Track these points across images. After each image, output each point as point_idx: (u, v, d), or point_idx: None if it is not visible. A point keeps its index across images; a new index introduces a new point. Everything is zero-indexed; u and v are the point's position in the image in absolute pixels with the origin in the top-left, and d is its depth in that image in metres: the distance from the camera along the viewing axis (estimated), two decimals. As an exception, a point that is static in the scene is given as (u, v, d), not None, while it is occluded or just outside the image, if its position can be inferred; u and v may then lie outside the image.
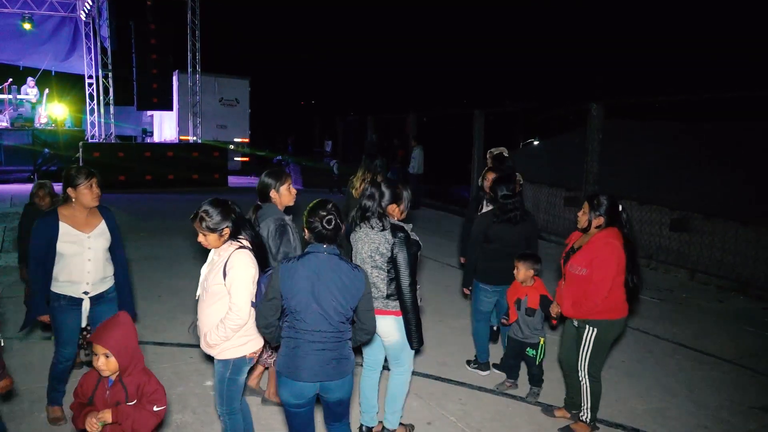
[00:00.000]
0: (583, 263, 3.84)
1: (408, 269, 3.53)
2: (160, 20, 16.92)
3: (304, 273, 2.94)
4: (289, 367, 2.97)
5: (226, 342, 3.17)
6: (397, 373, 3.81)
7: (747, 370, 5.31)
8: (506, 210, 4.74)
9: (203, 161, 16.77)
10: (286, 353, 3.00)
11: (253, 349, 3.28)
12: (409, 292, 3.53)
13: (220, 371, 3.25)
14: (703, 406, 4.61)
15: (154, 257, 8.56)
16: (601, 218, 3.85)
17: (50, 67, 19.07)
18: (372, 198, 3.65)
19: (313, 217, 3.01)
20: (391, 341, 3.71)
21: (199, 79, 17.91)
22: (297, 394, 2.98)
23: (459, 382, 4.83)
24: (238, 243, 3.22)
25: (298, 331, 2.96)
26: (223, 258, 3.17)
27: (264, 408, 4.31)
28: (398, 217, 3.79)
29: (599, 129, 9.74)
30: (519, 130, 17.17)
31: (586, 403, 4.04)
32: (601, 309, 3.84)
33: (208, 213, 3.16)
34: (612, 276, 3.76)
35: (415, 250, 3.62)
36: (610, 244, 3.78)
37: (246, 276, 3.13)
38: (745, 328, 6.39)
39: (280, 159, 20.57)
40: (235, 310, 3.10)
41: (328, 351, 2.97)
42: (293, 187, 4.18)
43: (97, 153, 15.66)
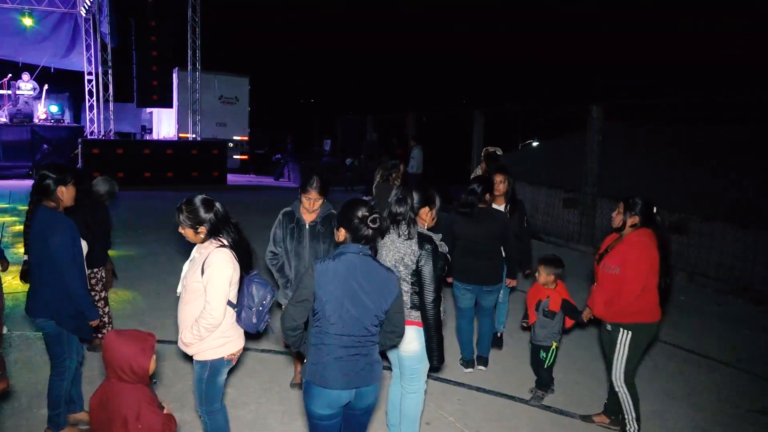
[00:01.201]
0: (615, 262, 3.82)
1: (433, 284, 3.34)
2: (160, 17, 16.88)
3: (339, 275, 2.80)
4: (322, 375, 2.80)
5: (201, 342, 3.14)
6: (411, 391, 3.61)
7: (745, 373, 5.32)
8: (461, 203, 4.81)
9: (202, 159, 16.75)
10: (317, 361, 2.82)
11: (231, 350, 3.24)
12: (432, 308, 3.34)
13: (198, 372, 3.24)
14: (701, 408, 4.62)
15: (151, 254, 8.56)
16: (636, 217, 3.81)
17: (49, 64, 19.01)
18: (403, 203, 3.43)
19: (354, 216, 2.86)
20: (410, 351, 3.52)
21: (199, 77, 17.87)
22: (331, 403, 2.83)
23: (457, 383, 4.83)
24: (219, 242, 3.17)
25: (330, 336, 2.81)
26: (203, 256, 3.15)
27: (263, 407, 4.31)
28: (429, 223, 3.66)
29: (599, 130, 9.76)
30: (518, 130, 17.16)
31: (630, 413, 3.94)
32: (635, 310, 3.79)
33: (188, 205, 3.16)
34: (644, 274, 3.73)
35: (442, 264, 3.44)
36: (643, 242, 3.76)
37: (222, 276, 3.08)
38: (743, 331, 6.41)
39: (279, 157, 20.54)
40: (208, 309, 3.06)
41: (362, 356, 2.84)
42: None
43: (96, 149, 15.63)
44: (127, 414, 2.44)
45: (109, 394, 2.49)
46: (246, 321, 3.19)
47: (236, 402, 4.34)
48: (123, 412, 2.44)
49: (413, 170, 14.75)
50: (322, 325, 2.81)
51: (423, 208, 3.59)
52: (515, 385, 4.86)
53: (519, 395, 4.66)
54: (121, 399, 2.46)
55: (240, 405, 4.30)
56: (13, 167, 16.46)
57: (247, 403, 4.34)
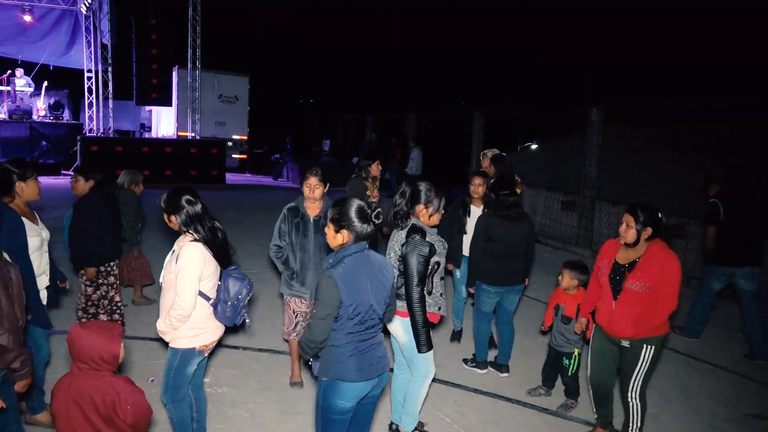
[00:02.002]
0: (645, 279, 3.60)
1: (416, 271, 3.47)
2: (160, 15, 16.87)
3: (361, 274, 2.88)
4: (348, 371, 2.86)
5: (176, 331, 3.24)
6: (414, 377, 3.75)
7: (741, 378, 5.33)
8: (505, 206, 4.75)
9: (201, 158, 16.73)
10: (344, 359, 2.86)
11: (204, 342, 3.31)
12: (415, 293, 3.47)
13: (170, 359, 3.32)
14: (697, 412, 4.63)
15: (151, 251, 8.52)
16: (649, 229, 3.61)
17: (49, 61, 18.98)
18: (402, 196, 3.69)
19: (355, 216, 2.89)
20: (400, 343, 3.71)
21: (198, 75, 17.86)
22: (357, 395, 2.93)
23: (455, 384, 4.83)
24: (193, 236, 3.26)
25: (350, 334, 2.86)
26: (179, 248, 3.25)
27: (260, 406, 4.31)
28: (427, 221, 3.68)
29: (598, 133, 9.77)
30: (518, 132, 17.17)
31: (635, 424, 3.85)
32: (657, 324, 3.69)
33: (166, 196, 3.31)
34: (679, 289, 3.65)
35: (426, 253, 3.50)
36: (672, 256, 3.63)
37: (191, 269, 3.16)
38: (740, 336, 6.41)
39: (278, 157, 20.53)
40: (177, 301, 3.15)
41: (377, 344, 2.99)
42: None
43: (95, 147, 15.60)
44: (114, 399, 2.49)
45: (83, 388, 2.50)
46: (221, 315, 3.29)
47: (233, 401, 4.34)
48: (108, 400, 2.49)
49: (412, 171, 14.77)
50: (344, 326, 2.85)
51: (419, 205, 3.67)
52: (513, 386, 4.86)
53: (516, 397, 4.67)
54: (101, 388, 2.49)
55: (237, 404, 4.30)
56: (12, 164, 16.41)
57: (244, 402, 4.34)
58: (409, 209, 3.67)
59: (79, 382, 2.51)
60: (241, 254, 8.52)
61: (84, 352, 2.49)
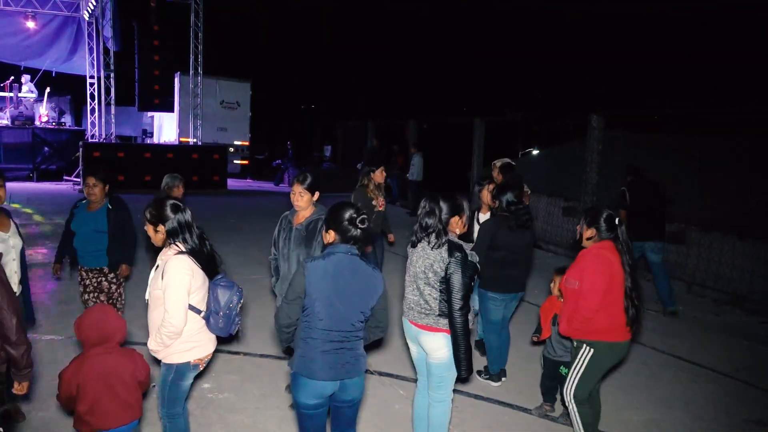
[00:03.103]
0: (574, 276, 3.69)
1: (461, 292, 3.33)
2: (163, 22, 16.96)
3: (329, 273, 2.95)
4: (309, 367, 2.96)
5: (168, 347, 3.16)
6: (438, 400, 3.61)
7: (742, 384, 5.33)
8: (519, 216, 4.73)
9: (203, 163, 16.79)
10: (304, 353, 2.98)
11: (198, 355, 3.25)
12: (459, 316, 3.33)
13: (164, 374, 3.25)
14: (698, 418, 4.62)
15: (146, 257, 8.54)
16: (591, 230, 3.69)
17: (51, 68, 19.09)
18: (432, 215, 3.46)
19: (342, 218, 2.99)
20: (439, 359, 3.51)
21: (200, 81, 17.93)
22: (317, 393, 2.99)
23: (455, 390, 4.81)
24: (177, 248, 3.17)
25: (318, 330, 2.95)
26: (164, 262, 3.16)
27: (261, 412, 4.32)
28: (460, 230, 3.58)
29: (599, 140, 9.79)
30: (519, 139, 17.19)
31: (576, 428, 3.82)
32: (597, 328, 3.63)
33: (155, 205, 3.23)
34: (601, 287, 3.57)
35: (471, 274, 3.38)
36: (601, 255, 3.62)
37: (178, 283, 3.07)
38: (741, 342, 6.42)
39: (279, 163, 20.58)
40: (167, 318, 3.06)
41: (347, 350, 3.00)
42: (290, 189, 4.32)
43: (97, 153, 15.66)
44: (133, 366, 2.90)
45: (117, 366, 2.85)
46: (214, 326, 3.22)
47: (234, 407, 4.35)
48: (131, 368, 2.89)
49: (413, 177, 14.77)
50: (311, 320, 2.96)
51: (453, 217, 3.51)
52: (513, 393, 4.87)
53: (517, 403, 4.67)
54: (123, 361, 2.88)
55: (238, 410, 4.31)
56: (14, 169, 16.48)
57: (245, 408, 4.35)
58: (444, 226, 3.47)
59: (104, 361, 2.83)
60: (243, 260, 8.54)
61: (111, 334, 2.84)
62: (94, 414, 2.82)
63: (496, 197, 4.87)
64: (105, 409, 2.83)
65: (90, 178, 4.79)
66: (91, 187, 4.77)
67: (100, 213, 4.85)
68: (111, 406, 2.84)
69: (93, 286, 4.96)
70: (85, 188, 4.84)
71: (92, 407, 2.81)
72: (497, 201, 4.85)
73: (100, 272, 4.93)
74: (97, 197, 4.79)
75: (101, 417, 2.83)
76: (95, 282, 4.96)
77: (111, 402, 2.84)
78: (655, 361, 5.74)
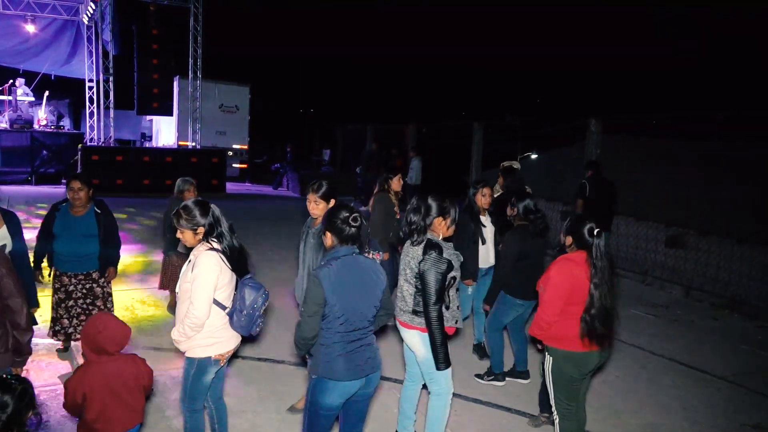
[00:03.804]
0: (542, 282, 3.63)
1: (434, 288, 3.41)
2: (162, 25, 16.99)
3: (347, 276, 3.01)
4: (335, 370, 2.99)
5: (190, 340, 3.24)
6: (435, 393, 3.69)
7: (740, 388, 5.33)
8: (537, 224, 4.75)
9: (202, 167, 16.75)
10: (331, 359, 3.00)
11: (219, 351, 3.32)
12: (433, 311, 3.42)
13: (186, 369, 3.33)
14: (696, 422, 4.63)
15: (150, 261, 8.56)
16: (569, 238, 3.59)
17: (50, 71, 19.10)
18: (417, 212, 3.60)
19: (337, 219, 3.06)
20: (420, 358, 3.66)
21: (199, 85, 17.96)
22: (345, 394, 3.05)
23: (455, 394, 4.81)
24: (209, 245, 3.26)
25: (338, 334, 3.00)
26: (195, 257, 3.24)
27: (260, 415, 4.31)
28: (444, 233, 3.64)
29: (597, 144, 9.81)
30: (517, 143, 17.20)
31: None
32: (554, 335, 3.55)
33: (186, 210, 3.26)
34: (559, 300, 3.47)
35: (444, 270, 3.45)
36: (564, 267, 3.51)
37: (206, 277, 3.16)
38: (739, 346, 6.42)
39: (278, 167, 20.59)
40: (191, 309, 3.16)
41: (367, 346, 3.09)
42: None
43: (95, 156, 15.66)
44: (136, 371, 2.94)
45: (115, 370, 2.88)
46: (237, 324, 3.27)
47: (233, 410, 4.33)
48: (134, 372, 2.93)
49: (412, 181, 14.78)
50: (331, 325, 2.99)
51: (437, 218, 3.60)
52: (511, 397, 4.87)
53: (516, 407, 4.67)
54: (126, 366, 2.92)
55: (237, 413, 4.30)
56: (12, 173, 16.48)
57: (243, 411, 4.35)
58: (426, 224, 3.59)
59: (107, 367, 2.86)
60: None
61: (110, 340, 2.85)
62: (102, 421, 2.85)
63: (514, 205, 4.86)
64: (111, 416, 2.86)
65: (75, 182, 4.69)
66: (76, 191, 4.67)
67: (88, 217, 4.79)
68: (117, 412, 2.88)
69: (82, 293, 4.87)
70: (69, 192, 4.70)
71: (100, 415, 2.84)
72: (515, 208, 4.84)
73: (88, 277, 4.87)
74: (82, 201, 4.72)
75: (107, 423, 2.87)
76: (85, 288, 4.88)
77: (117, 408, 2.87)
78: (654, 365, 5.74)
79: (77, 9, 18.25)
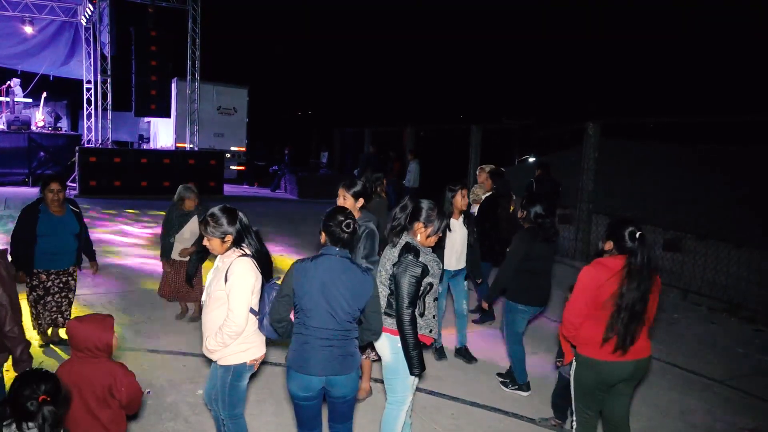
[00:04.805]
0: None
1: (407, 292, 3.35)
2: (160, 27, 16.96)
3: (316, 273, 3.10)
4: (297, 360, 3.13)
5: (225, 348, 3.22)
6: (388, 403, 3.59)
7: (738, 391, 5.33)
8: (547, 229, 4.73)
9: (199, 169, 16.74)
10: (295, 348, 3.16)
11: (254, 356, 3.34)
12: (405, 316, 3.34)
13: (222, 376, 3.32)
14: (693, 426, 4.63)
15: (148, 265, 8.54)
16: (610, 243, 3.42)
17: (48, 72, 19.06)
18: (403, 210, 3.61)
19: (332, 221, 3.15)
20: (384, 360, 3.57)
21: (197, 87, 17.93)
22: (304, 386, 3.14)
23: (452, 397, 4.83)
24: (241, 251, 3.28)
25: (307, 327, 3.11)
26: (226, 264, 3.24)
27: (256, 418, 4.30)
28: (423, 241, 3.52)
29: (595, 147, 9.83)
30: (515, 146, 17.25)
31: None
32: (581, 339, 3.43)
33: (214, 218, 3.26)
34: (585, 297, 3.34)
35: (418, 274, 3.37)
36: (593, 272, 3.35)
37: (244, 283, 3.18)
38: (737, 350, 6.43)
39: (276, 169, 20.56)
40: (231, 317, 3.16)
41: (335, 348, 3.11)
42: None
43: (93, 158, 15.62)
44: (110, 382, 2.82)
45: (83, 373, 2.81)
46: (268, 328, 3.30)
47: (230, 413, 4.32)
48: (106, 383, 2.81)
49: (410, 184, 14.80)
50: (301, 318, 3.13)
51: (418, 223, 3.52)
52: (508, 400, 4.86)
53: (512, 410, 4.66)
54: (98, 372, 2.82)
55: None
56: (10, 174, 16.43)
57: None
58: (406, 224, 3.55)
59: (78, 368, 2.82)
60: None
61: (81, 341, 2.81)
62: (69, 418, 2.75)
63: (525, 208, 4.83)
64: (76, 416, 2.76)
65: (55, 184, 5.02)
66: (56, 192, 5.02)
67: (69, 216, 5.17)
68: (82, 415, 2.79)
69: (59, 287, 5.19)
70: (49, 194, 5.01)
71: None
72: (525, 212, 4.82)
73: (66, 272, 5.21)
74: (61, 202, 5.06)
75: (73, 422, 2.77)
76: (62, 282, 5.21)
77: (82, 411, 2.79)
78: (651, 368, 5.74)
79: (75, 10, 18.22)
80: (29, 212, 5.05)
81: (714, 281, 8.05)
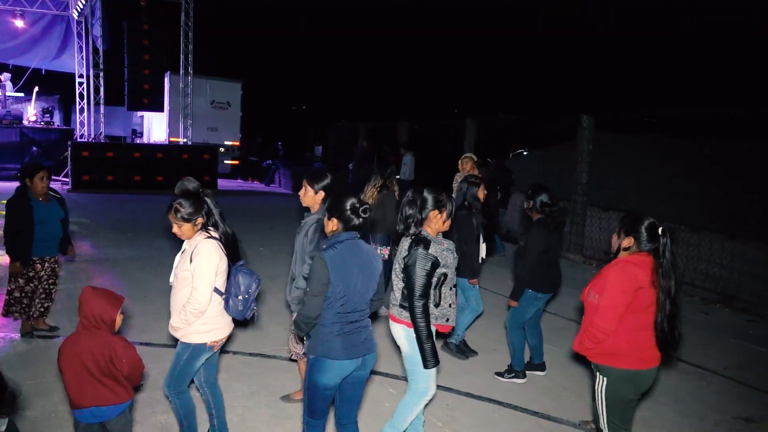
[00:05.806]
0: (596, 288, 3.21)
1: (419, 283, 3.36)
2: (153, 21, 16.87)
3: (350, 259, 3.10)
4: (334, 349, 3.07)
5: (189, 326, 3.32)
6: (411, 392, 3.58)
7: (731, 381, 5.35)
8: (555, 218, 4.77)
9: (193, 163, 16.67)
10: (330, 338, 3.08)
11: (215, 338, 3.42)
12: (417, 308, 3.35)
13: (179, 353, 3.40)
14: (687, 415, 4.64)
15: (140, 257, 8.50)
16: (630, 239, 3.20)
17: (40, 66, 18.93)
18: (413, 205, 3.58)
19: (346, 207, 3.12)
20: (403, 352, 3.60)
21: (191, 81, 17.85)
22: (341, 373, 3.12)
23: (447, 388, 4.82)
24: (207, 233, 3.38)
25: (338, 315, 3.08)
26: (192, 246, 3.34)
27: (250, 411, 4.28)
28: (440, 227, 3.57)
29: (589, 140, 9.82)
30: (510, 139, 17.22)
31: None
32: (611, 352, 3.16)
33: (181, 204, 3.34)
34: (623, 302, 3.08)
35: (429, 266, 3.37)
36: (627, 270, 3.11)
37: (208, 263, 3.28)
38: (730, 340, 6.45)
39: (270, 163, 20.50)
40: (194, 295, 3.26)
41: (364, 327, 3.19)
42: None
43: (86, 152, 15.54)
44: (111, 354, 2.91)
45: (86, 343, 2.91)
46: (233, 309, 3.39)
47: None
48: (107, 354, 2.90)
49: (405, 177, 14.76)
50: (332, 306, 3.07)
51: (433, 210, 3.55)
52: (504, 390, 4.86)
53: (507, 401, 4.66)
54: (99, 344, 2.90)
55: (227, 408, 4.24)
56: (2, 169, 16.33)
57: (233, 407, 4.31)
58: (422, 217, 3.54)
59: (82, 339, 2.91)
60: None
61: (88, 309, 2.91)
62: (72, 388, 2.92)
63: (531, 198, 4.83)
64: (81, 388, 2.91)
65: (43, 172, 5.09)
66: (44, 180, 5.11)
67: (55, 203, 5.27)
68: (86, 386, 2.90)
69: (47, 274, 5.31)
70: (39, 182, 5.08)
71: (71, 381, 2.91)
72: (531, 201, 4.82)
73: (53, 259, 5.34)
74: (46, 189, 5.15)
75: (78, 393, 2.92)
76: (51, 269, 5.34)
77: (85, 381, 2.90)
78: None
79: (67, 4, 18.08)
80: (20, 203, 5.06)
81: (708, 273, 8.07)
